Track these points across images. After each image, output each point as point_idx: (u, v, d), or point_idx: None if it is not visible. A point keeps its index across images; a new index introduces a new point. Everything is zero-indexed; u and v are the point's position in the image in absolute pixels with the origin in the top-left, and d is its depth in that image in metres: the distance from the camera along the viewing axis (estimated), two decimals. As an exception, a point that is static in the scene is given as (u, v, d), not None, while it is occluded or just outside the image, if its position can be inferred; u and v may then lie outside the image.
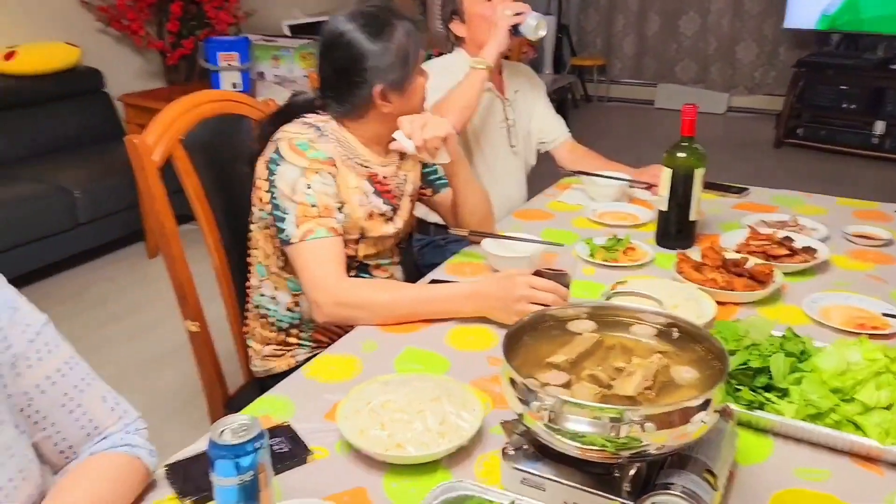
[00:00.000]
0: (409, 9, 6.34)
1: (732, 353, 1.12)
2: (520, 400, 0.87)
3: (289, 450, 1.02)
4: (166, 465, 0.99)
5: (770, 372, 1.07)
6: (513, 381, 0.88)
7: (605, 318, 1.02)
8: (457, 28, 2.15)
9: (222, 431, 0.86)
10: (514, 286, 1.33)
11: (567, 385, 0.90)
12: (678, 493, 0.82)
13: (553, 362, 0.93)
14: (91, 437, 0.94)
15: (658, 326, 1.00)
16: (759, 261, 1.51)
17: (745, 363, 1.09)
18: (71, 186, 3.53)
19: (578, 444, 0.83)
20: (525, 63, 6.03)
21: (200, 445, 1.02)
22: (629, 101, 7.32)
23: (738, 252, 1.57)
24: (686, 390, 0.88)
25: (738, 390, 1.07)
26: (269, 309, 1.62)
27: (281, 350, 1.63)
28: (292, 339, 1.63)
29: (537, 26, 1.99)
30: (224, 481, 0.85)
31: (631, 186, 2.08)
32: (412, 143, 1.47)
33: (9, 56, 3.72)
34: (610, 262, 1.60)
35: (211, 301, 1.67)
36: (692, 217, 1.66)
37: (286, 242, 1.44)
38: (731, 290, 1.41)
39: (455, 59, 2.18)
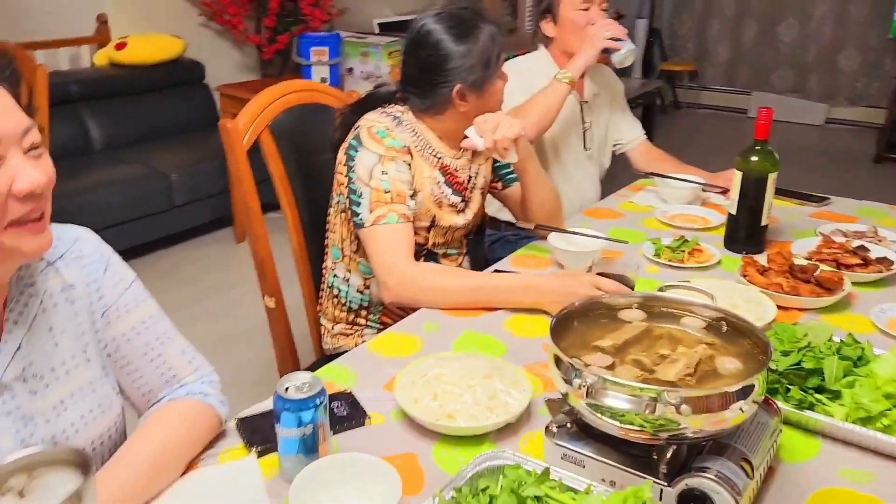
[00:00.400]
0: (497, 9, 6.40)
1: (787, 353, 1.12)
2: (564, 379, 0.91)
3: (348, 413, 1.09)
4: (237, 419, 1.09)
5: (823, 374, 1.07)
6: (558, 361, 0.93)
7: (655, 308, 1.05)
8: (547, 28, 2.18)
9: (287, 387, 0.94)
10: (579, 284, 1.37)
11: (611, 367, 0.93)
12: (712, 477, 0.85)
13: (599, 346, 0.97)
14: (170, 383, 1.05)
15: (707, 320, 1.02)
16: (829, 268, 1.49)
17: (798, 363, 1.09)
18: (169, 171, 3.75)
19: (618, 424, 0.87)
20: (610, 66, 6.01)
21: (268, 404, 1.11)
22: (721, 108, 7.15)
23: (808, 259, 1.55)
24: (727, 380, 0.90)
25: (789, 390, 1.08)
26: (341, 290, 1.70)
27: (350, 329, 1.72)
28: (361, 320, 1.71)
29: (626, 57, 2.00)
30: (287, 432, 0.94)
31: (704, 190, 2.07)
32: (482, 142, 1.51)
33: (120, 46, 3.99)
34: (675, 263, 1.61)
35: (289, 284, 1.77)
36: (763, 222, 1.65)
37: (359, 226, 1.52)
38: (796, 296, 1.40)
39: (536, 60, 2.22)
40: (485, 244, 2.24)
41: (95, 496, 0.70)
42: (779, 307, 1.39)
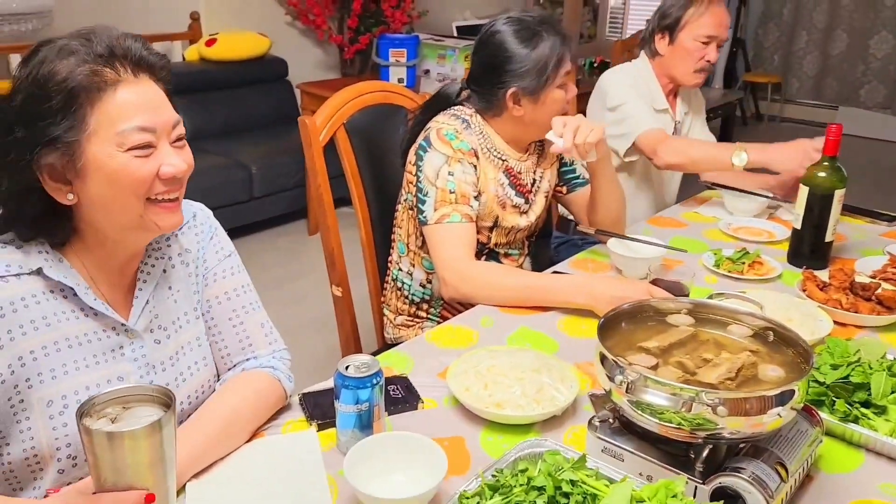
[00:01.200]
0: (577, 16, 6.40)
1: (836, 367, 1.13)
2: (608, 376, 0.96)
3: (403, 396, 1.16)
4: (301, 394, 1.17)
5: (870, 389, 1.08)
6: (603, 359, 0.97)
7: (704, 315, 1.08)
8: (660, 44, 2.17)
9: (348, 366, 1.02)
10: (633, 290, 1.39)
11: (654, 368, 0.97)
12: (745, 478, 0.88)
13: (645, 346, 1.01)
14: (245, 351, 1.15)
15: (754, 329, 1.04)
16: (892, 287, 1.47)
17: (846, 377, 1.10)
18: (250, 163, 3.92)
19: (657, 421, 0.91)
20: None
21: (330, 383, 1.18)
22: (805, 122, 6.95)
23: (872, 277, 1.54)
24: (767, 385, 0.93)
25: (835, 402, 1.09)
26: (404, 283, 1.78)
27: (411, 321, 1.79)
28: (422, 313, 1.78)
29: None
30: (345, 408, 1.01)
31: (772, 207, 2.05)
32: (563, 142, 1.54)
33: (210, 43, 4.19)
34: (734, 274, 1.62)
35: (356, 276, 1.85)
36: (828, 238, 1.64)
37: (424, 223, 1.59)
38: (855, 313, 1.40)
39: (636, 70, 2.24)
40: (550, 247, 2.29)
41: (175, 428, 0.80)
42: (837, 323, 1.40)
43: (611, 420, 1.01)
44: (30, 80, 0.91)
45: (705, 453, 0.92)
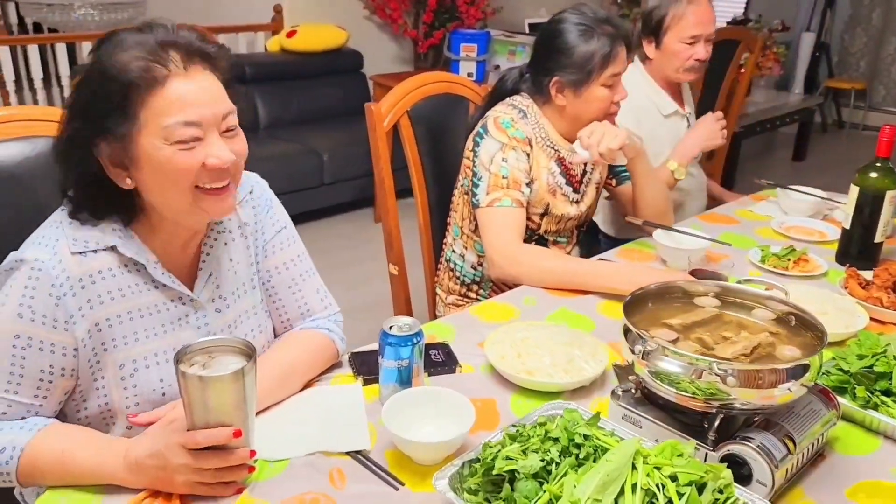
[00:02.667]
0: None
1: (862, 357, 1.17)
2: (630, 349, 1.03)
3: (443, 360, 1.26)
4: (350, 352, 1.28)
5: (892, 378, 1.11)
6: (627, 332, 1.04)
7: (730, 298, 1.13)
8: (648, 48, 2.20)
9: (391, 326, 1.12)
10: (671, 278, 1.45)
11: (674, 341, 1.03)
12: (753, 447, 0.94)
13: (668, 323, 1.07)
14: (303, 316, 1.26)
15: (778, 313, 1.09)
16: (937, 289, 1.48)
17: (870, 367, 1.14)
18: (322, 151, 4.09)
19: (674, 390, 0.97)
20: (769, 80, 5.80)
21: (376, 345, 1.29)
22: (889, 131, 6.70)
23: (918, 279, 1.55)
24: (781, 363, 0.98)
25: (856, 389, 1.13)
26: (457, 264, 1.87)
27: (461, 301, 1.88)
28: (472, 294, 1.87)
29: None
30: (387, 363, 1.11)
31: (828, 208, 2.05)
32: (588, 155, 1.61)
33: (291, 34, 4.38)
34: (779, 270, 1.65)
35: (412, 261, 1.94)
36: (877, 239, 1.65)
37: (476, 206, 1.68)
38: (895, 311, 1.42)
39: (634, 81, 2.09)
40: (602, 243, 2.34)
41: (255, 376, 0.91)
42: (876, 321, 1.42)
43: (633, 390, 1.08)
44: (92, 74, 0.98)
45: (717, 423, 0.98)
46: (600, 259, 1.72)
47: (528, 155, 1.69)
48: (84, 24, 4.49)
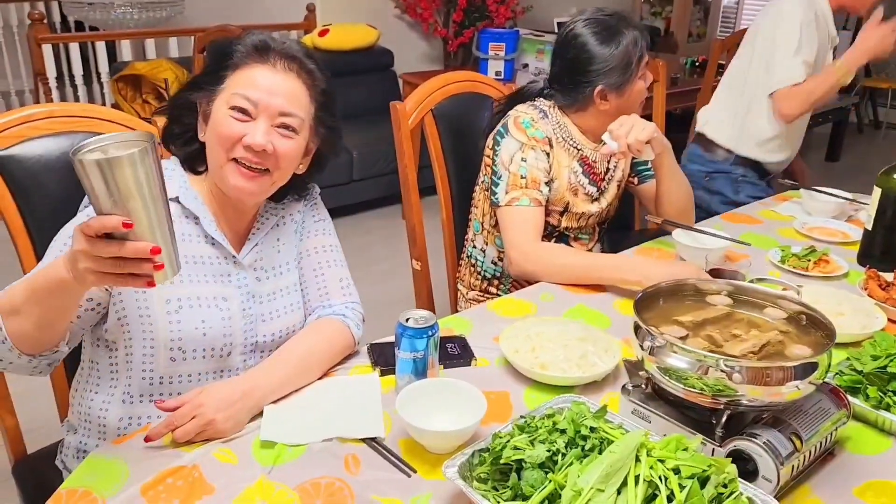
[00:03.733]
0: (685, 14, 6.29)
1: (876, 357, 1.17)
2: (640, 345, 1.05)
3: (458, 353, 1.29)
4: (369, 344, 1.31)
5: (905, 379, 1.11)
6: (637, 328, 1.06)
7: (742, 297, 1.14)
8: None
9: (408, 318, 1.15)
10: (686, 271, 1.46)
11: (683, 338, 1.05)
12: (759, 443, 0.95)
13: (678, 320, 1.09)
14: (321, 299, 1.32)
15: (789, 312, 1.10)
16: (959, 291, 1.47)
17: (883, 367, 1.14)
18: (352, 148, 4.14)
19: (682, 386, 0.99)
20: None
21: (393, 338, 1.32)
22: (927, 132, 6.58)
23: (941, 281, 1.54)
24: (789, 361, 0.99)
25: (868, 389, 1.13)
26: (478, 259, 1.90)
27: (482, 296, 1.91)
28: (493, 289, 1.90)
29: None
30: (403, 355, 1.15)
31: (854, 209, 2.04)
32: (617, 146, 1.62)
33: (323, 33, 4.44)
34: (799, 270, 1.65)
35: (435, 257, 1.98)
36: (900, 241, 1.64)
37: (496, 204, 1.70)
38: (915, 313, 1.41)
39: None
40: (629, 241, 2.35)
41: (155, 163, 0.87)
42: (895, 322, 1.41)
43: (643, 386, 1.10)
44: (216, 46, 1.27)
45: (725, 419, 0.99)
46: (618, 255, 1.74)
47: (547, 154, 1.71)
48: (123, 23, 4.60)
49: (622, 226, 2.38)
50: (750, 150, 2.49)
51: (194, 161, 1.25)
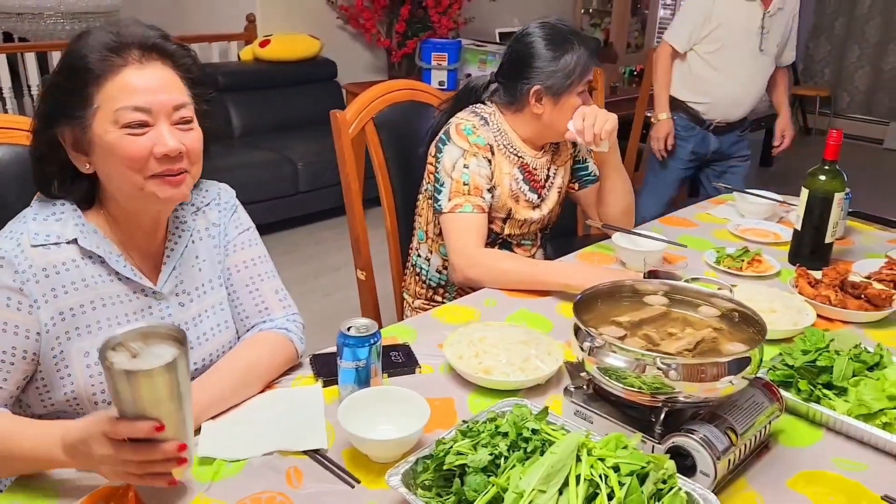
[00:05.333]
0: (624, 26, 6.44)
1: (806, 352, 1.21)
2: (580, 347, 1.06)
3: (403, 361, 1.28)
4: (311, 355, 1.30)
5: (834, 372, 1.15)
6: (577, 330, 1.07)
7: (678, 296, 1.17)
8: None
9: (349, 327, 1.14)
10: (626, 277, 1.49)
11: (621, 338, 1.07)
12: (696, 439, 0.97)
13: (616, 320, 1.11)
14: (262, 314, 1.28)
15: (722, 310, 1.13)
16: (882, 287, 1.53)
17: (813, 361, 1.18)
18: (297, 159, 4.11)
19: (622, 386, 1.01)
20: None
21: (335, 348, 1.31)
22: (855, 137, 6.84)
23: (867, 278, 1.60)
24: (723, 357, 1.01)
25: (799, 382, 1.17)
26: (422, 268, 1.90)
27: (428, 305, 1.91)
28: (438, 297, 1.90)
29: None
30: (345, 364, 1.14)
31: (784, 210, 2.11)
32: (584, 134, 1.65)
33: (264, 44, 4.40)
34: (733, 270, 1.70)
35: (380, 268, 1.98)
36: (827, 239, 1.70)
37: (438, 211, 1.71)
38: (843, 309, 1.46)
39: None
40: (573, 247, 2.38)
41: (187, 367, 0.88)
42: (824, 318, 1.47)
43: (585, 387, 1.11)
44: (60, 66, 1.07)
45: (663, 416, 1.01)
46: (560, 261, 1.76)
47: (489, 161, 1.73)
48: (55, 33, 4.46)
49: (566, 231, 2.41)
50: (675, 90, 3.11)
51: (84, 198, 1.12)
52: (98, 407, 1.11)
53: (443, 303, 1.89)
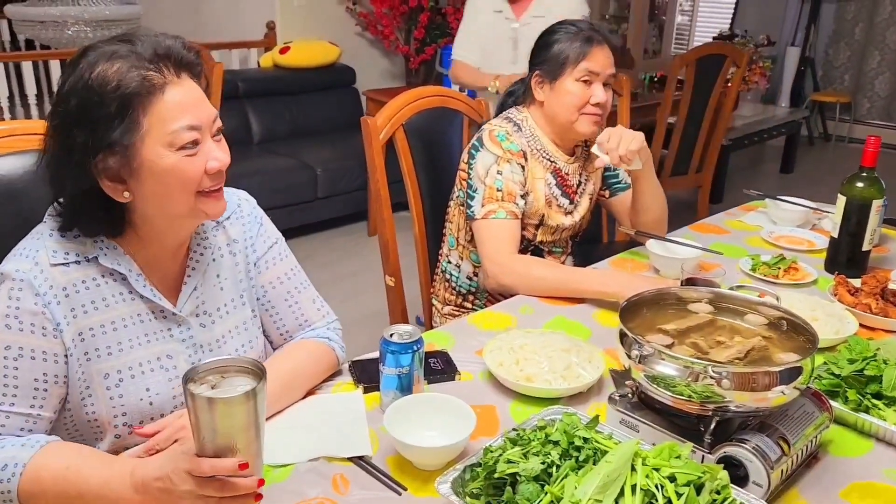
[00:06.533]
0: (640, 32, 6.43)
1: (853, 361, 1.19)
2: (627, 354, 1.05)
3: (442, 368, 1.27)
4: (350, 361, 1.29)
5: (882, 381, 1.14)
6: (623, 337, 1.06)
7: (723, 304, 1.16)
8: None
9: (392, 334, 1.13)
10: (662, 285, 1.48)
11: (669, 346, 1.05)
12: (749, 448, 0.96)
13: (663, 328, 1.10)
14: (302, 326, 1.27)
15: (770, 318, 1.12)
16: (924, 295, 1.51)
17: (861, 370, 1.16)
18: (315, 165, 4.11)
19: (670, 394, 0.99)
20: (756, 94, 5.88)
21: (377, 354, 1.30)
22: (874, 143, 6.78)
23: (907, 286, 1.58)
24: (775, 366, 1.00)
25: (847, 392, 1.15)
26: (452, 275, 1.89)
27: (458, 311, 1.90)
28: (468, 304, 1.89)
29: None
30: (388, 371, 1.13)
31: (817, 217, 2.09)
32: (609, 159, 1.66)
33: (284, 51, 4.42)
34: (769, 278, 1.68)
35: (408, 273, 1.97)
36: (865, 247, 1.68)
37: (471, 217, 1.70)
38: (884, 317, 1.45)
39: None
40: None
41: (266, 397, 0.88)
42: (865, 327, 1.45)
43: (630, 395, 1.10)
44: (82, 86, 0.96)
45: (713, 425, 1.00)
46: (593, 268, 1.75)
47: (522, 167, 1.72)
48: (77, 41, 4.49)
49: (592, 238, 2.40)
50: None
51: (115, 226, 1.06)
52: (118, 430, 1.08)
53: (473, 309, 1.88)
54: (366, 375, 1.24)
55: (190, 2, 5.01)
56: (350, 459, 1.05)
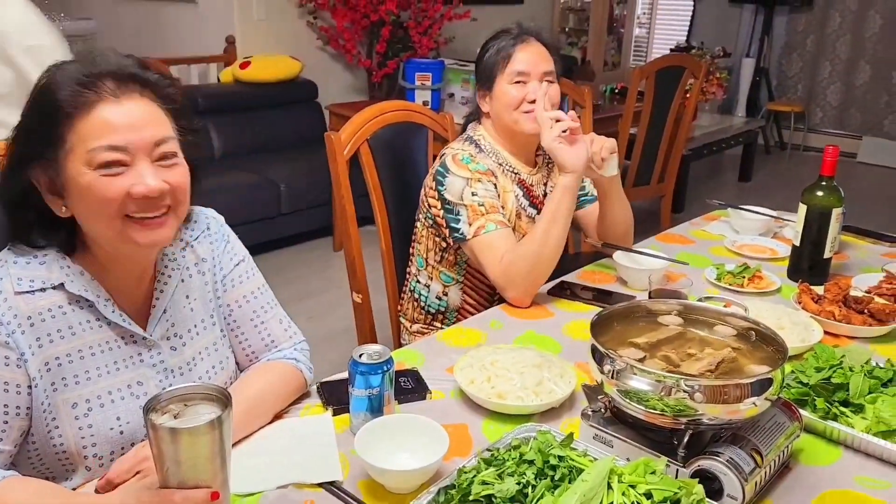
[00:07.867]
0: (600, 45, 6.51)
1: (820, 369, 1.20)
2: (599, 369, 1.04)
3: (412, 387, 1.25)
4: (319, 383, 1.27)
5: (849, 388, 1.15)
6: (595, 352, 1.06)
7: (692, 316, 1.16)
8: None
9: (361, 354, 1.11)
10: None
11: (641, 360, 1.05)
12: (723, 461, 0.96)
13: (634, 342, 1.09)
14: (268, 347, 1.24)
15: (738, 329, 1.12)
16: (884, 301, 1.54)
17: (827, 378, 1.17)
18: (279, 180, 4.06)
19: (643, 408, 0.99)
20: (713, 104, 5.99)
21: (345, 375, 1.28)
22: (828, 151, 6.96)
23: (867, 292, 1.60)
24: (746, 378, 1.00)
25: (816, 401, 1.16)
26: (421, 294, 1.87)
27: (426, 329, 1.88)
28: (437, 323, 1.87)
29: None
30: (358, 392, 1.11)
31: (778, 226, 2.13)
32: (616, 170, 1.70)
33: (244, 65, 4.36)
34: (734, 287, 1.70)
35: (375, 290, 1.95)
36: (826, 254, 1.71)
37: (462, 240, 1.67)
38: (847, 324, 1.47)
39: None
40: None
41: (231, 424, 0.85)
42: (829, 334, 1.46)
43: (603, 410, 1.10)
44: (31, 102, 0.99)
45: (686, 439, 1.00)
46: (562, 282, 1.74)
47: (494, 185, 1.71)
48: (30, 57, 4.40)
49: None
50: None
51: (67, 242, 1.04)
52: (88, 461, 1.05)
53: (441, 328, 1.86)
54: (335, 397, 1.21)
55: (149, 16, 4.94)
56: (320, 485, 1.02)
